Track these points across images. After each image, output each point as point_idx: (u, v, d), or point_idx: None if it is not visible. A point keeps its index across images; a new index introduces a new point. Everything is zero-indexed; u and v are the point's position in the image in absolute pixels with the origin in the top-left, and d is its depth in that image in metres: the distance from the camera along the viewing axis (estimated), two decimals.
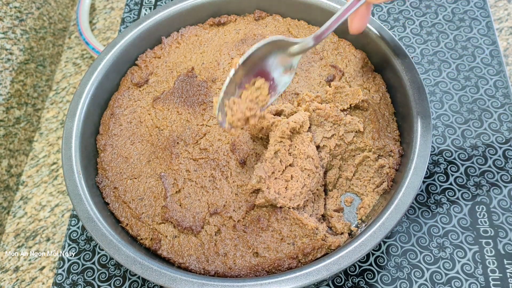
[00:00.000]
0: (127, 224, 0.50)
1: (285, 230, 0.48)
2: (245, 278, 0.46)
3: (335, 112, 0.52)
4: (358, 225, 0.52)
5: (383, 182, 0.52)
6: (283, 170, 0.49)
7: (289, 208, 0.48)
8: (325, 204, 0.53)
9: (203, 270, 0.46)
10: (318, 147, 0.52)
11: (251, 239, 0.47)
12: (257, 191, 0.50)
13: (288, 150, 0.50)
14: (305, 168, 0.49)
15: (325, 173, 0.54)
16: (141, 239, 0.49)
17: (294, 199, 0.48)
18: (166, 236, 0.49)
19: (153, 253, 0.48)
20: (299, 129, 0.51)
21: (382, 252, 0.54)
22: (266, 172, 0.48)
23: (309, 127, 0.53)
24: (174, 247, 0.48)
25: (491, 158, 0.59)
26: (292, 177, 0.49)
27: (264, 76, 0.48)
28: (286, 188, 0.48)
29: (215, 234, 0.48)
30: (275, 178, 0.49)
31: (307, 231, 0.47)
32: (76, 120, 0.53)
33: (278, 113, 0.53)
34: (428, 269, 0.52)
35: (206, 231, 0.48)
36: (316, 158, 0.50)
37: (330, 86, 0.55)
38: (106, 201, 0.51)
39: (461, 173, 0.58)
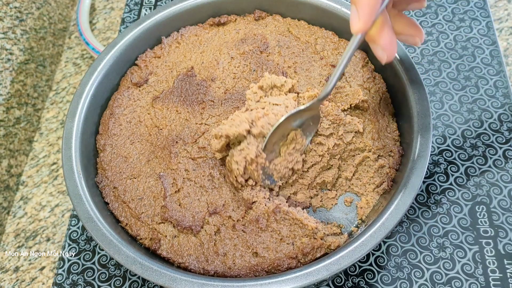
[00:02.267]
0: (126, 224, 0.50)
1: (285, 230, 0.48)
2: (244, 278, 0.46)
3: (336, 111, 0.52)
4: (358, 225, 0.52)
5: (383, 182, 0.52)
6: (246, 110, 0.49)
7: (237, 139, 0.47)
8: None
9: (202, 270, 0.46)
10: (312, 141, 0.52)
11: (250, 239, 0.47)
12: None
13: (259, 100, 0.51)
14: (272, 109, 0.48)
15: (324, 173, 0.54)
16: (141, 238, 0.49)
17: (240, 125, 0.47)
18: (166, 236, 0.49)
19: (152, 253, 0.48)
20: (280, 86, 0.51)
21: (382, 252, 0.54)
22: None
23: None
24: (173, 247, 0.48)
25: (491, 158, 0.59)
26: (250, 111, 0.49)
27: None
28: (233, 118, 0.48)
29: (215, 234, 0.48)
30: None
31: (307, 231, 0.47)
32: (76, 120, 0.53)
33: None
34: (428, 269, 0.52)
35: (205, 230, 0.48)
36: (292, 108, 0.49)
37: None
38: (106, 201, 0.51)
39: (461, 173, 0.58)
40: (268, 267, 0.46)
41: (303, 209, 0.52)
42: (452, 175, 0.58)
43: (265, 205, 0.49)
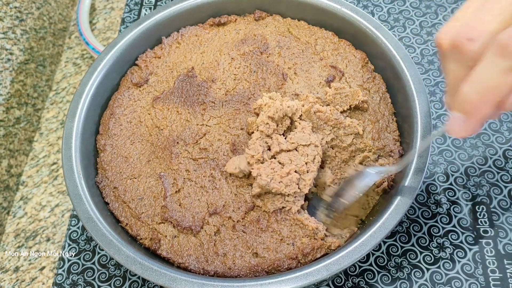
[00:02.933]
0: (126, 224, 0.50)
1: (285, 230, 0.48)
2: (244, 278, 0.46)
3: (335, 115, 0.52)
4: (358, 225, 0.52)
5: (383, 182, 0.52)
6: (276, 152, 0.49)
7: (283, 194, 0.48)
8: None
9: (202, 270, 0.46)
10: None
11: (250, 239, 0.47)
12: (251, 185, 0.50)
13: (284, 134, 0.51)
14: (307, 155, 0.49)
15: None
16: (141, 238, 0.49)
17: (290, 185, 0.47)
18: (166, 236, 0.49)
19: (152, 253, 0.48)
20: (292, 115, 0.51)
21: (382, 252, 0.54)
22: (256, 152, 0.48)
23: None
24: (173, 247, 0.48)
25: (491, 158, 0.59)
26: (291, 161, 0.48)
27: None
28: (281, 174, 0.47)
29: (215, 234, 0.48)
30: (265, 161, 0.48)
31: (307, 232, 0.47)
32: (76, 120, 0.53)
33: None
34: (428, 269, 0.52)
35: (205, 231, 0.48)
36: (320, 146, 0.50)
37: (330, 87, 0.55)
38: (106, 201, 0.51)
39: (461, 173, 0.58)
40: (268, 268, 0.46)
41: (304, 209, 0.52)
42: (452, 175, 0.58)
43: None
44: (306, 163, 0.49)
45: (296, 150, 0.50)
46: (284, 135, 0.51)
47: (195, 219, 0.49)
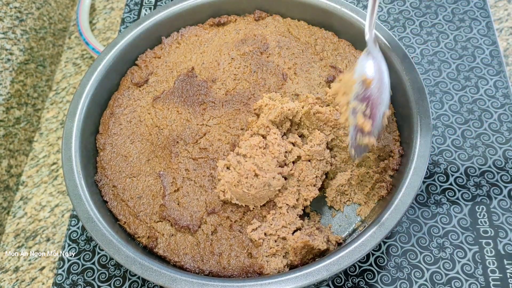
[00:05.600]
0: (125, 222, 0.50)
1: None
2: (237, 278, 0.46)
3: (335, 116, 0.52)
4: (355, 227, 0.52)
5: (383, 183, 0.52)
6: (293, 161, 0.50)
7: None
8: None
9: (198, 269, 0.46)
10: None
11: (246, 239, 0.47)
12: None
13: (286, 135, 0.51)
14: (318, 168, 0.50)
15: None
16: (138, 237, 0.49)
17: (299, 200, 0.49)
18: (163, 235, 0.49)
19: (149, 252, 0.48)
20: (292, 118, 0.51)
21: (382, 252, 0.54)
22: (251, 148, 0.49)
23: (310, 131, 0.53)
24: (170, 246, 0.48)
25: (491, 158, 0.59)
26: (302, 170, 0.50)
27: None
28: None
29: (212, 234, 0.48)
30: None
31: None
32: (76, 120, 0.53)
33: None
34: (428, 269, 0.52)
35: (202, 230, 0.48)
36: (329, 164, 0.51)
37: (330, 87, 0.55)
38: (105, 199, 0.51)
39: (461, 173, 0.58)
40: (259, 269, 0.46)
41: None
42: (452, 175, 0.58)
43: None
44: (316, 177, 0.50)
45: (309, 162, 0.50)
46: (286, 136, 0.52)
47: (193, 218, 0.49)
